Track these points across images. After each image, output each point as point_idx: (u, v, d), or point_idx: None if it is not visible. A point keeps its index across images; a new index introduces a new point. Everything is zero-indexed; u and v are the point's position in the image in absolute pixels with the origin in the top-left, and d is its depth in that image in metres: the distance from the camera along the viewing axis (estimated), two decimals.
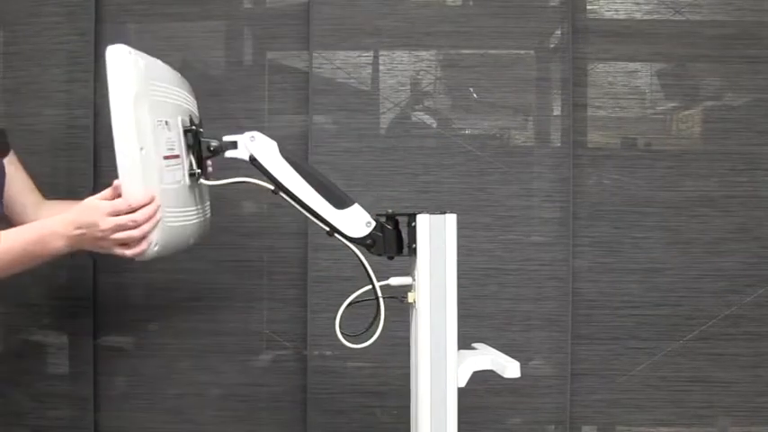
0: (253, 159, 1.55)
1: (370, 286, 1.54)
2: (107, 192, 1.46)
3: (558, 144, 2.13)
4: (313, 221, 1.57)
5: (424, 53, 2.15)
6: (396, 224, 1.56)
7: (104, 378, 2.15)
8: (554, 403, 2.13)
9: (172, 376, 2.16)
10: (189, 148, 1.57)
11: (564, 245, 2.11)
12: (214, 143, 1.57)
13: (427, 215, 1.47)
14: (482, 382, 1.63)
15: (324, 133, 2.13)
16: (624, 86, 2.14)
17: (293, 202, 1.56)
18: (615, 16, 2.13)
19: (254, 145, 1.55)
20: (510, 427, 2.14)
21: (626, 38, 2.12)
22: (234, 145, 1.56)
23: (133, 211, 1.42)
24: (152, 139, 1.43)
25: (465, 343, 1.62)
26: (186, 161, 1.57)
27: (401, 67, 2.14)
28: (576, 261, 2.12)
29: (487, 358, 1.54)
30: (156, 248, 1.46)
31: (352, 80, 2.14)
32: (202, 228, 1.71)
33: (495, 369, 1.53)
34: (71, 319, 2.13)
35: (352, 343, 1.53)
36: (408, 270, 1.55)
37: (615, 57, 2.13)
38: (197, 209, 1.64)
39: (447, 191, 2.12)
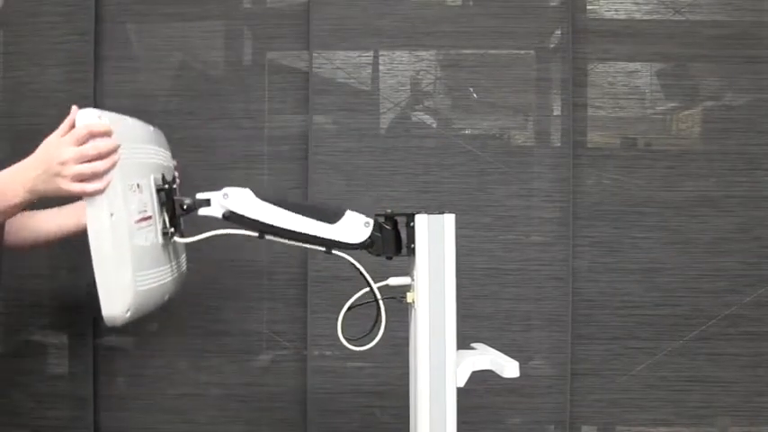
0: (226, 217, 1.52)
1: (368, 289, 1.54)
2: (64, 125, 1.40)
3: (558, 144, 2.13)
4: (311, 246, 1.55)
5: (424, 53, 2.15)
6: (394, 224, 1.56)
7: (104, 378, 2.15)
8: (554, 403, 2.13)
9: (172, 376, 2.16)
10: (162, 205, 1.54)
11: (564, 245, 2.11)
12: (187, 201, 1.53)
13: (426, 215, 1.47)
14: (482, 382, 1.64)
15: (324, 133, 2.13)
16: (624, 86, 2.14)
17: (282, 239, 1.53)
18: (615, 16, 2.13)
19: (229, 201, 1.52)
20: (510, 427, 2.14)
21: (626, 38, 2.12)
22: (207, 202, 1.54)
23: (91, 136, 1.36)
24: (123, 205, 1.39)
25: (465, 343, 1.62)
26: (159, 220, 1.53)
27: (401, 67, 2.14)
28: (576, 261, 2.12)
29: (486, 358, 1.54)
30: (128, 314, 1.41)
31: (352, 80, 2.14)
32: (177, 283, 1.67)
33: (494, 369, 1.53)
34: (71, 319, 2.13)
35: (355, 346, 1.53)
36: (407, 270, 1.55)
37: (615, 57, 2.13)
38: (171, 266, 1.60)
39: (447, 191, 2.12)
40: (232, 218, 1.53)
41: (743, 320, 2.11)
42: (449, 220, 1.47)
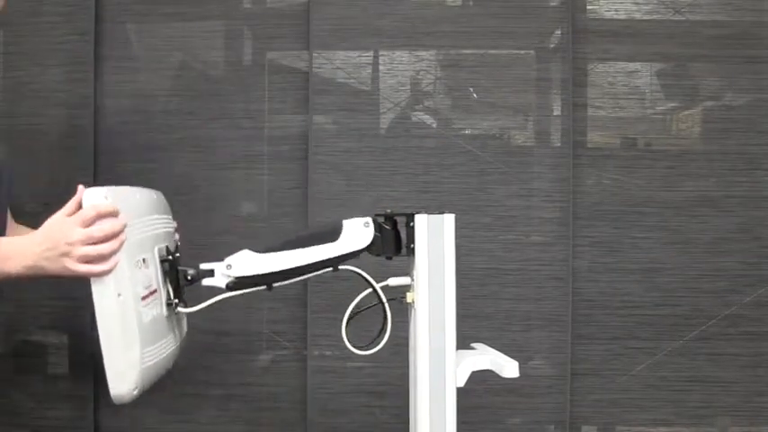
0: (230, 287, 1.52)
1: (369, 290, 1.54)
2: (70, 204, 1.38)
3: (558, 144, 2.13)
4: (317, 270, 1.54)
5: (424, 53, 2.15)
6: (394, 224, 1.56)
7: (104, 378, 2.14)
8: (554, 403, 2.13)
9: (172, 376, 2.15)
10: (165, 275, 1.53)
11: (564, 245, 2.11)
12: (191, 272, 1.53)
13: (425, 215, 1.47)
14: (482, 382, 1.63)
15: (324, 133, 2.13)
16: (624, 86, 2.14)
17: (294, 279, 1.53)
18: (615, 16, 2.13)
19: (233, 271, 1.52)
20: (510, 427, 2.14)
21: (626, 38, 2.12)
22: (211, 273, 1.54)
23: (98, 218, 1.35)
24: (129, 284, 1.38)
25: (465, 343, 1.62)
26: (163, 291, 1.52)
27: (401, 67, 2.15)
28: (576, 261, 2.12)
29: (486, 358, 1.54)
30: (135, 392, 1.40)
31: (352, 80, 2.14)
32: (179, 349, 1.66)
33: (493, 369, 1.53)
34: (71, 319, 2.13)
35: (362, 351, 1.53)
36: (407, 270, 1.54)
37: (615, 57, 2.13)
38: (174, 334, 1.60)
39: (447, 191, 2.12)
40: (237, 285, 1.53)
41: (743, 320, 2.11)
42: (448, 220, 1.47)
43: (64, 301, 2.14)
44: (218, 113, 2.14)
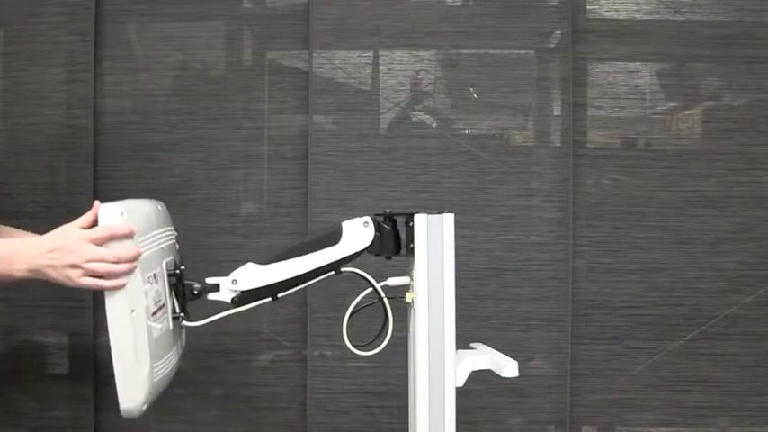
0: (235, 301, 1.53)
1: (369, 289, 1.54)
2: (87, 217, 1.38)
3: (558, 144, 2.13)
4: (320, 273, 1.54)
5: (424, 53, 2.15)
6: (394, 224, 1.56)
7: (104, 378, 2.15)
8: (554, 403, 2.13)
9: (172, 376, 2.16)
10: (171, 288, 1.53)
11: (564, 245, 2.11)
12: (197, 286, 1.53)
13: (425, 215, 1.47)
14: (482, 382, 1.64)
15: (324, 133, 2.13)
16: (624, 86, 2.14)
17: (298, 287, 1.54)
18: (615, 16, 2.13)
19: (239, 285, 1.53)
20: (510, 427, 2.14)
21: (626, 38, 2.12)
22: (216, 287, 1.53)
23: (112, 239, 1.34)
24: (143, 299, 1.39)
25: (465, 343, 1.62)
26: (169, 304, 1.52)
27: (401, 67, 2.14)
28: (576, 261, 2.12)
29: (486, 358, 1.54)
30: (144, 407, 1.40)
31: (352, 80, 2.14)
32: (180, 362, 1.65)
33: (493, 368, 1.53)
34: (71, 319, 2.13)
35: (362, 351, 1.53)
36: (406, 270, 1.54)
37: (615, 57, 2.13)
38: (177, 347, 1.60)
39: (447, 191, 2.12)
40: (242, 300, 1.53)
41: (743, 320, 2.11)
42: (448, 219, 1.47)
43: (64, 302, 2.13)
44: (218, 113, 2.14)
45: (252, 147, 2.15)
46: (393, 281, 1.53)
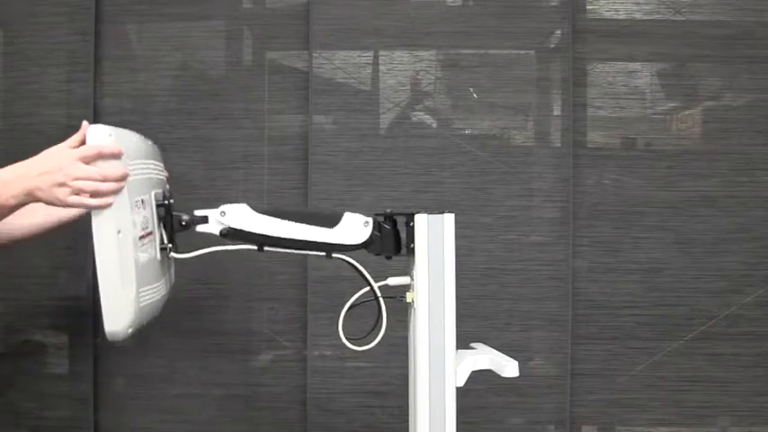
0: (224, 234, 1.52)
1: (368, 288, 1.54)
2: (76, 137, 1.38)
3: (558, 144, 2.13)
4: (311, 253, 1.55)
5: (424, 53, 2.15)
6: (394, 224, 1.56)
7: (104, 378, 2.15)
8: (554, 403, 2.13)
9: (172, 376, 2.16)
10: (160, 220, 1.53)
11: (564, 245, 2.11)
12: (185, 217, 1.53)
13: (425, 215, 1.47)
14: (482, 382, 1.64)
15: (324, 133, 2.13)
16: (624, 86, 2.14)
17: (282, 249, 1.54)
18: (615, 16, 2.13)
19: (227, 218, 1.52)
20: (510, 427, 2.14)
21: (626, 38, 2.12)
22: (205, 219, 1.53)
23: (99, 157, 1.34)
24: (130, 221, 1.39)
25: (465, 343, 1.62)
26: (157, 234, 1.52)
27: (401, 67, 2.14)
28: (576, 261, 2.12)
29: (486, 358, 1.54)
30: (129, 331, 1.41)
31: (352, 80, 2.14)
32: (166, 298, 1.66)
33: (493, 368, 1.53)
34: (71, 319, 2.13)
35: (356, 345, 1.53)
36: (407, 270, 1.55)
37: (615, 57, 2.13)
38: (165, 279, 1.60)
39: (447, 191, 2.12)
40: (230, 235, 1.53)
41: (743, 320, 2.11)
42: (448, 219, 1.47)
43: (64, 301, 2.14)
44: (218, 113, 2.13)
45: (252, 147, 2.14)
46: (393, 281, 1.54)
